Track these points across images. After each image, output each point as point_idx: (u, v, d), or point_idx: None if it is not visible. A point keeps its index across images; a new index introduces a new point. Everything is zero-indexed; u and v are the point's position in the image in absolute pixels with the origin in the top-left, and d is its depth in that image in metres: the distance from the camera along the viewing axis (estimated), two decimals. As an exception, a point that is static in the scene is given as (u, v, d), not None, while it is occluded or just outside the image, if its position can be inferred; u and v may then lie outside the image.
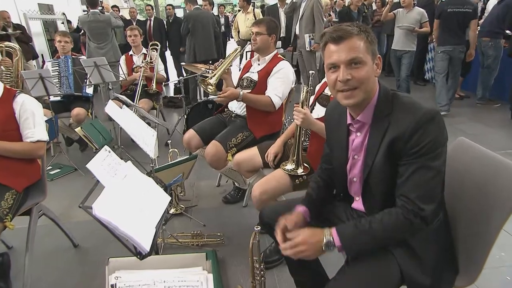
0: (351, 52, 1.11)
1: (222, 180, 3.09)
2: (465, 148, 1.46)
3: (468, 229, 1.31)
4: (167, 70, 6.99)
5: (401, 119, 1.12)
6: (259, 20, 2.49)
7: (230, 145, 2.41)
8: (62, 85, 3.74)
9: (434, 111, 1.11)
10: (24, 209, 1.95)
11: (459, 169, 1.41)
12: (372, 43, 1.15)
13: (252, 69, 2.59)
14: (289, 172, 1.91)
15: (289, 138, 2.17)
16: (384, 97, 1.18)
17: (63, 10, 9.46)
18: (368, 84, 1.14)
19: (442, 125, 1.11)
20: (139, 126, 1.91)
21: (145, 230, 1.13)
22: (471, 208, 1.30)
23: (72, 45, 3.83)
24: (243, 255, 2.04)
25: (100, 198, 1.07)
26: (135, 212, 1.15)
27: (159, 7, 11.36)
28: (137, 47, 4.14)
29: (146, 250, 1.08)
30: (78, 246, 2.34)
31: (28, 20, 8.03)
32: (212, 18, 5.37)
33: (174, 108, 5.62)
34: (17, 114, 1.95)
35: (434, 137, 1.08)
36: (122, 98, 2.64)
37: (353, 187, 1.35)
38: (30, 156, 2.00)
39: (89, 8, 4.99)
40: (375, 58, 1.17)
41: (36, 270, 2.09)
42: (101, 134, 3.34)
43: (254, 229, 1.50)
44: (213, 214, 2.65)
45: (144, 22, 7.19)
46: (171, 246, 2.24)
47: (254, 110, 2.46)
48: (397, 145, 1.12)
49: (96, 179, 1.17)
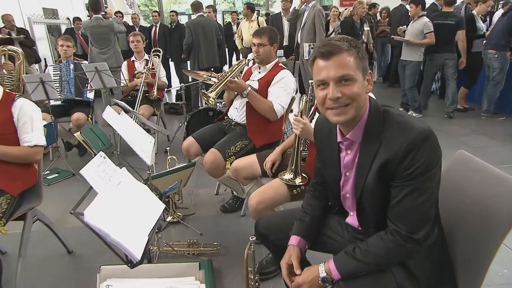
0: (341, 69, 1.08)
1: (220, 189, 3.09)
2: (465, 161, 1.44)
3: (466, 245, 1.29)
4: (170, 76, 7.04)
5: (393, 139, 1.10)
6: (261, 31, 2.47)
7: (229, 153, 2.41)
8: (63, 90, 3.77)
9: (427, 130, 1.07)
10: (18, 214, 1.95)
11: (459, 182, 1.40)
12: (362, 59, 1.13)
13: (252, 77, 2.60)
14: (287, 182, 1.91)
15: (288, 148, 2.17)
16: (375, 114, 1.16)
17: (67, 15, 9.60)
18: (359, 101, 1.12)
19: (436, 144, 1.09)
20: (137, 133, 1.92)
21: (137, 238, 1.13)
22: (470, 222, 1.28)
23: (74, 49, 3.86)
24: (239, 265, 2.02)
25: (92, 205, 1.07)
26: (128, 219, 1.15)
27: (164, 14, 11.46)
28: (139, 53, 4.17)
29: (137, 258, 1.07)
30: (72, 252, 2.33)
31: (32, 24, 8.14)
32: (216, 25, 5.41)
33: (175, 114, 5.64)
34: (15, 118, 1.96)
35: (427, 158, 1.06)
36: (122, 104, 2.65)
37: (347, 203, 1.35)
38: (27, 160, 2.01)
39: (92, 14, 5.04)
40: (366, 74, 1.15)
41: (29, 276, 2.09)
42: (100, 140, 3.35)
43: (249, 239, 1.49)
44: (211, 223, 2.64)
45: (148, 29, 7.25)
46: (166, 254, 2.23)
47: (254, 118, 2.46)
48: (389, 167, 1.11)
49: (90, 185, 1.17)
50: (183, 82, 5.85)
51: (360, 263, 1.14)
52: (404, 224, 1.10)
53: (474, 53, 5.03)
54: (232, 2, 24.32)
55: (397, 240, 1.10)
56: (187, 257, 2.21)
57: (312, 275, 1.19)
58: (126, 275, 1.28)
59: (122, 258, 1.09)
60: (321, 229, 1.45)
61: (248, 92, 2.36)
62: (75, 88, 3.76)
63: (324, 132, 1.34)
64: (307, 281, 1.20)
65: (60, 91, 3.75)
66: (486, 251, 1.21)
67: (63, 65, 3.82)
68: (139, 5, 25.55)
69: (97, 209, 1.07)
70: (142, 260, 1.09)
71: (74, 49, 3.85)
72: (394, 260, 1.17)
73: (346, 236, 1.41)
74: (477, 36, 5.02)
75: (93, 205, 1.07)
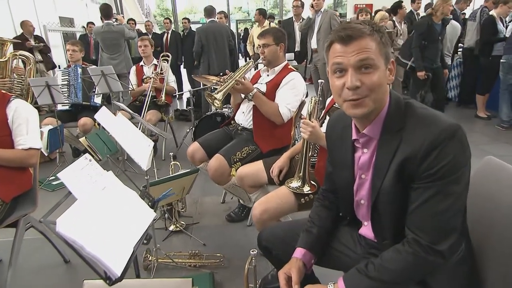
0: (362, 53, 0.95)
1: (227, 197, 2.95)
2: (494, 169, 1.27)
3: (499, 267, 1.11)
4: (181, 83, 7.00)
5: (415, 135, 0.95)
6: (264, 31, 2.36)
7: (234, 159, 2.27)
8: (70, 94, 3.73)
9: (454, 126, 0.93)
10: (10, 221, 1.85)
11: (488, 193, 1.22)
12: (386, 45, 0.99)
13: (260, 80, 2.48)
14: (294, 190, 1.76)
15: (296, 154, 2.02)
16: (396, 108, 1.01)
17: (83, 24, 9.75)
18: (379, 92, 0.98)
19: (465, 142, 0.94)
20: (134, 136, 1.80)
21: (119, 251, 0.99)
22: (504, 240, 1.09)
23: (82, 54, 3.82)
24: (243, 279, 1.88)
25: (67, 213, 0.94)
26: (109, 229, 1.02)
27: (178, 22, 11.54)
28: (148, 58, 4.11)
29: (117, 274, 0.93)
30: (69, 262, 2.21)
31: (48, 31, 8.27)
32: (227, 31, 5.33)
33: (185, 121, 5.57)
34: (9, 119, 1.88)
35: (453, 157, 0.91)
36: (126, 109, 2.56)
37: (361, 211, 1.18)
38: (21, 164, 1.91)
39: (103, 19, 5.03)
40: (388, 63, 1.01)
41: (23, 286, 1.98)
42: (106, 145, 3.27)
43: (250, 253, 1.35)
44: (215, 233, 2.50)
45: (161, 36, 7.27)
46: (166, 266, 2.09)
47: (261, 122, 2.33)
48: (408, 165, 0.96)
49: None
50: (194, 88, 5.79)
51: (374, 281, 0.98)
52: (425, 233, 0.94)
53: (494, 56, 4.79)
54: (247, 12, 24.50)
55: (417, 252, 0.94)
56: (187, 270, 2.07)
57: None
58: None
59: (99, 273, 0.96)
60: (330, 242, 1.29)
61: (254, 93, 2.23)
62: (83, 93, 3.72)
63: (338, 131, 1.20)
64: None
65: (68, 96, 3.71)
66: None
67: (71, 69, 3.79)
68: (155, 15, 26.03)
69: (73, 218, 0.94)
70: (122, 276, 0.95)
71: (81, 53, 3.80)
72: (413, 277, 0.99)
73: (359, 251, 1.24)
74: (499, 39, 4.78)
75: (68, 213, 0.94)
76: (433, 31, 4.28)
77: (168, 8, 25.22)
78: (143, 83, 4.06)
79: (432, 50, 4.35)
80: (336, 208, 1.31)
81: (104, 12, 4.99)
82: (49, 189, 3.24)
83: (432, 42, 4.30)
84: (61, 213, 1.02)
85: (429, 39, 4.28)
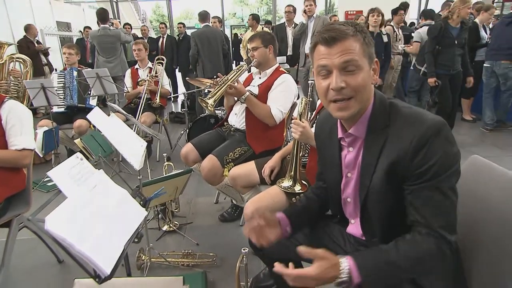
0: (346, 54, 0.94)
1: (220, 197, 2.93)
2: (480, 168, 1.26)
3: (483, 263, 1.10)
4: (176, 86, 6.97)
5: (401, 134, 0.94)
6: (252, 36, 2.37)
7: (227, 160, 2.26)
8: (66, 96, 3.68)
9: (439, 122, 0.92)
10: (2, 221, 1.80)
11: (474, 192, 1.21)
12: (369, 45, 0.98)
13: (253, 83, 2.47)
14: (286, 190, 1.74)
15: (288, 154, 2.00)
16: (381, 107, 1.01)
17: (80, 28, 9.69)
18: (364, 93, 0.97)
19: (451, 138, 0.93)
20: (127, 136, 1.78)
21: (109, 250, 0.97)
22: (488, 239, 1.09)
23: (78, 57, 3.78)
24: (235, 278, 1.86)
25: (57, 211, 0.92)
26: (99, 228, 0.99)
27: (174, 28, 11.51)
28: (143, 61, 4.08)
29: (106, 273, 0.91)
30: (62, 262, 2.17)
31: (45, 35, 8.20)
32: (221, 35, 5.32)
33: (180, 123, 5.54)
34: (3, 120, 1.85)
35: (443, 153, 0.90)
36: (121, 111, 2.54)
37: (347, 208, 1.17)
38: (15, 164, 1.88)
39: (99, 24, 5.00)
40: (372, 63, 1.00)
41: (17, 286, 1.94)
42: (101, 146, 3.22)
43: (241, 251, 1.33)
44: (208, 233, 2.47)
45: (156, 40, 7.24)
46: (159, 265, 2.06)
47: (253, 123, 2.32)
48: (399, 165, 0.94)
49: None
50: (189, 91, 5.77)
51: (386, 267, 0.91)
52: (434, 228, 0.91)
53: (476, 61, 4.85)
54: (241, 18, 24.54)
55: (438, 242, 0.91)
56: (180, 269, 2.04)
57: (330, 275, 0.89)
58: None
59: (88, 271, 0.93)
60: (321, 237, 1.28)
61: (246, 97, 2.21)
62: (78, 95, 3.68)
63: (326, 130, 1.19)
64: (324, 276, 0.89)
65: (63, 98, 3.67)
66: (509, 269, 1.03)
67: (67, 72, 3.75)
68: (151, 20, 25.97)
69: (62, 216, 0.92)
70: (112, 274, 0.93)
71: (77, 57, 3.77)
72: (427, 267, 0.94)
73: (348, 248, 1.23)
74: (481, 45, 4.84)
75: (58, 211, 0.92)
76: (448, 35, 3.94)
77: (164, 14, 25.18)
78: (138, 85, 4.03)
79: (447, 55, 3.98)
80: (325, 200, 1.31)
81: (101, 16, 4.96)
82: (44, 190, 3.19)
83: (446, 47, 3.96)
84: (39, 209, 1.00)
85: (443, 44, 3.96)
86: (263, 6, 26.92)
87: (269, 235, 1.14)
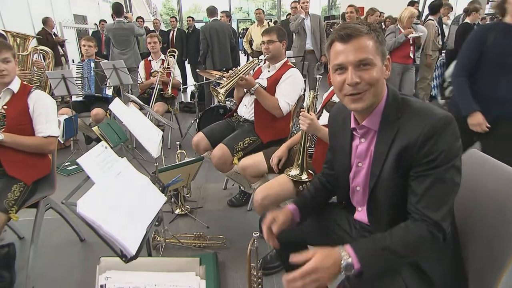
0: (360, 52, 0.96)
1: (228, 184, 2.95)
2: (477, 161, 1.28)
3: (480, 248, 1.12)
4: (186, 77, 6.95)
5: (412, 125, 0.95)
6: (269, 29, 2.36)
7: (236, 148, 2.27)
8: (84, 86, 3.70)
9: (448, 117, 0.93)
10: (31, 202, 1.85)
11: (471, 183, 1.23)
12: (382, 43, 0.99)
13: (262, 76, 2.47)
14: (293, 178, 1.76)
15: (295, 144, 2.02)
16: (393, 101, 1.02)
17: (95, 21, 9.64)
18: (377, 87, 0.99)
19: (456, 132, 0.94)
20: (145, 125, 1.79)
21: (134, 232, 1.00)
22: (484, 225, 1.11)
23: (96, 49, 3.78)
24: (243, 259, 1.88)
25: (87, 195, 0.94)
26: (125, 211, 1.01)
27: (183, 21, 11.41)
28: (156, 53, 4.07)
29: (132, 253, 0.94)
30: (84, 240, 2.22)
31: (63, 28, 8.17)
32: (229, 29, 5.27)
33: (189, 113, 5.54)
34: (31, 109, 1.88)
35: (449, 146, 0.92)
36: (136, 100, 2.55)
37: (355, 197, 1.19)
38: (41, 150, 1.91)
39: (114, 17, 4.97)
40: (385, 59, 1.01)
41: (42, 262, 1.99)
42: (117, 134, 3.23)
43: (252, 235, 1.35)
44: (218, 217, 2.51)
45: (167, 33, 7.18)
46: (173, 246, 2.10)
47: (262, 114, 2.32)
48: (408, 153, 0.95)
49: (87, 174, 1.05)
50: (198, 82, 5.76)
51: (382, 253, 0.91)
52: (433, 213, 0.92)
53: None
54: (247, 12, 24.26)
55: (430, 227, 0.92)
56: (193, 250, 2.08)
57: (332, 260, 0.88)
58: (125, 267, 1.14)
59: (116, 251, 0.96)
60: (327, 224, 1.30)
61: (256, 89, 2.22)
62: (95, 85, 3.69)
63: (339, 120, 1.20)
64: (324, 266, 0.87)
65: (82, 88, 3.68)
66: (501, 256, 1.05)
67: (85, 63, 3.75)
68: (161, 13, 25.71)
69: (91, 200, 0.94)
70: (137, 254, 0.96)
71: (95, 49, 3.77)
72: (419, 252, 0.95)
73: (354, 234, 1.25)
74: None
75: (87, 196, 0.94)
76: None
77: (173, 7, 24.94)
78: (151, 76, 4.03)
79: None
80: (331, 188, 1.33)
81: (116, 10, 4.93)
82: (65, 174, 3.23)
83: None
84: (78, 196, 1.02)
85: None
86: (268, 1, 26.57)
87: None
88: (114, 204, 0.99)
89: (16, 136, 1.80)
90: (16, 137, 1.80)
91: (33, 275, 1.79)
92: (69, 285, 1.86)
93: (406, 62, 4.30)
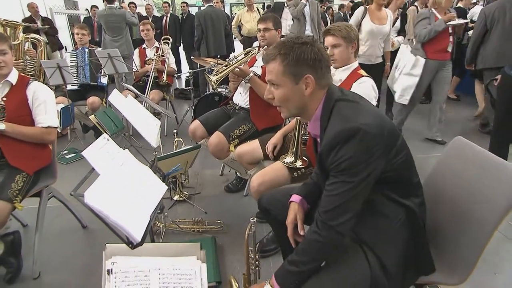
0: (269, 74, 1.11)
1: (225, 170, 3.01)
2: (461, 148, 1.35)
3: (459, 228, 1.21)
4: (180, 63, 6.90)
5: (328, 132, 1.04)
6: (266, 17, 2.37)
7: (232, 136, 2.32)
8: (79, 75, 3.68)
9: (355, 128, 0.96)
10: (34, 191, 1.90)
11: (456, 168, 1.31)
12: (294, 65, 1.06)
13: (256, 64, 2.48)
14: (288, 165, 1.82)
15: (289, 132, 2.06)
16: (327, 108, 1.09)
17: (87, 7, 9.42)
18: (288, 103, 1.11)
19: (367, 142, 0.97)
20: (143, 115, 1.82)
21: (138, 220, 1.05)
22: (463, 207, 1.21)
23: (89, 37, 3.74)
24: (241, 243, 1.94)
25: (93, 186, 0.99)
26: (129, 201, 1.07)
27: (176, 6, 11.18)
28: (150, 41, 4.04)
29: (137, 240, 0.99)
30: (86, 227, 2.28)
31: (54, 14, 7.98)
32: (223, 15, 5.22)
33: (184, 99, 5.54)
34: (30, 100, 1.90)
35: (352, 155, 0.96)
36: (132, 89, 2.56)
37: None
38: (41, 140, 1.94)
39: (106, 3, 4.88)
40: (300, 79, 1.06)
41: (47, 249, 2.05)
42: (113, 122, 3.26)
43: (250, 220, 1.41)
44: (215, 202, 2.57)
45: (160, 18, 7.07)
46: (172, 231, 2.17)
47: (256, 102, 2.36)
48: (322, 158, 1.06)
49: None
50: (193, 69, 5.72)
51: (294, 265, 1.06)
52: (323, 212, 1.03)
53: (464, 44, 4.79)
54: (240, -5, 23.73)
55: (317, 229, 1.03)
56: (192, 234, 2.15)
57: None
58: (130, 253, 1.20)
59: (123, 239, 1.02)
60: None
61: (250, 77, 2.25)
62: (90, 73, 3.67)
63: None
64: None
65: (76, 76, 3.66)
66: (479, 235, 1.13)
67: (79, 51, 3.71)
68: None
69: (98, 191, 0.98)
70: (142, 241, 1.01)
71: (89, 37, 3.72)
72: (324, 253, 1.06)
73: None
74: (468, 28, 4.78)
75: (94, 187, 0.98)
76: None
77: (165, -9, 24.27)
78: (146, 64, 4.02)
79: None
80: None
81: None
82: (63, 162, 3.26)
83: None
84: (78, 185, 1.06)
85: None
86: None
87: None
88: (119, 194, 1.04)
89: (17, 126, 1.82)
90: (17, 127, 1.82)
91: (39, 261, 1.86)
92: (74, 270, 1.92)
93: (443, 58, 3.24)
